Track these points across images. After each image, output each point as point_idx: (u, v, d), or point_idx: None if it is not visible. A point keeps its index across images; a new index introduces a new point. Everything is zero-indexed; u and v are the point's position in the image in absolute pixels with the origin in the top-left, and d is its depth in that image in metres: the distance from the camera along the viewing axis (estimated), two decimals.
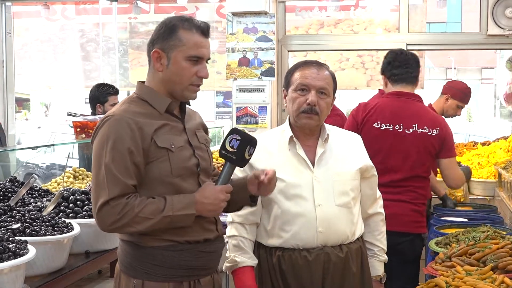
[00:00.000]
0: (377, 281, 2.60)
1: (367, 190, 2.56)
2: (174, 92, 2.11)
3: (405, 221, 3.35)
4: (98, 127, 2.06)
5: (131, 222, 1.97)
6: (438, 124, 3.47)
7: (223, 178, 2.10)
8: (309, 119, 2.42)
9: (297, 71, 2.47)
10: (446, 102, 4.80)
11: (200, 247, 2.11)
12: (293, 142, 2.46)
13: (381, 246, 2.61)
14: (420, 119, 3.43)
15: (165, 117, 2.10)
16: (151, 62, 2.11)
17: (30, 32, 9.06)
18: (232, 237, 2.47)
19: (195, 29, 2.09)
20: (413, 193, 3.41)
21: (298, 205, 2.39)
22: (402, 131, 3.41)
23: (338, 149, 2.49)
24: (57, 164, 6.15)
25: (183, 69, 2.07)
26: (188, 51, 2.07)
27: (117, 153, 1.98)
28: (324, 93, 2.42)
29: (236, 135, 2.09)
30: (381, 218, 2.63)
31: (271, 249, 2.45)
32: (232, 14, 5.85)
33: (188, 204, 2.02)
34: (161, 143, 2.04)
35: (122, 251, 2.13)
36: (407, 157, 3.40)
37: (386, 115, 3.44)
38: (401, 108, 3.47)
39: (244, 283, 2.42)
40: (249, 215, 2.46)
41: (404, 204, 3.37)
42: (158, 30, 2.10)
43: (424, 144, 3.41)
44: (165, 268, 2.05)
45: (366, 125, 3.46)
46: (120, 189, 1.97)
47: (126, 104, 2.09)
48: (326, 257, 2.40)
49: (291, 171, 2.42)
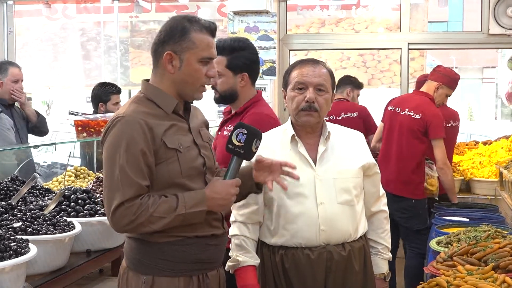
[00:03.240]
0: (381, 279, 2.59)
1: (370, 187, 2.56)
2: (184, 93, 2.12)
3: None
4: (108, 127, 2.04)
5: (146, 222, 1.97)
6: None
7: (231, 172, 2.11)
8: (308, 116, 2.42)
9: (294, 70, 2.48)
10: (437, 90, 4.56)
11: (207, 241, 2.13)
12: (295, 140, 2.47)
13: (385, 244, 2.61)
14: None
15: (172, 118, 2.10)
16: (160, 63, 2.10)
17: (31, 31, 9.06)
18: (235, 236, 2.48)
19: (205, 30, 2.09)
20: None
21: (300, 203, 2.39)
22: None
23: (340, 147, 2.49)
24: (58, 163, 6.15)
25: (196, 71, 2.08)
26: (201, 53, 2.07)
27: (131, 155, 1.98)
28: (322, 90, 2.43)
29: (243, 129, 2.11)
30: (384, 216, 2.62)
31: (274, 248, 2.45)
32: (234, 13, 5.85)
33: (200, 200, 2.03)
34: (170, 144, 2.04)
35: (131, 248, 2.12)
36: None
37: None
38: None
39: (246, 282, 2.42)
40: (251, 214, 2.46)
41: None
42: (168, 31, 2.08)
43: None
44: (175, 263, 2.07)
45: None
46: (135, 190, 1.97)
47: (134, 104, 2.08)
48: (328, 255, 2.40)
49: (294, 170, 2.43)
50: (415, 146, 4.42)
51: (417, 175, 4.44)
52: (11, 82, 4.74)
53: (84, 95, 8.49)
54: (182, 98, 2.14)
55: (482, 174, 5.19)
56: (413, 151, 4.42)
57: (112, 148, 2.00)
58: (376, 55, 8.54)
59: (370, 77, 8.76)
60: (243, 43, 2.99)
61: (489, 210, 4.27)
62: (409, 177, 4.44)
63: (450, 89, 4.61)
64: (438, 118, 4.41)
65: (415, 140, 4.42)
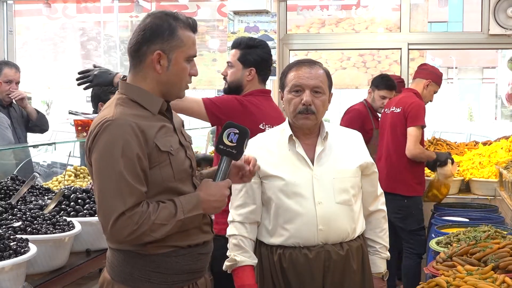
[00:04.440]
0: (379, 278, 2.59)
1: (368, 187, 2.56)
2: (170, 93, 2.04)
3: None
4: (96, 132, 1.90)
5: (148, 230, 1.87)
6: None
7: (222, 173, 2.07)
8: (306, 120, 2.42)
9: (291, 72, 2.47)
10: (427, 87, 4.65)
11: (199, 250, 2.08)
12: (293, 140, 2.47)
13: (383, 243, 2.61)
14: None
15: (159, 119, 2.00)
16: (144, 63, 1.98)
17: (31, 31, 9.05)
18: (232, 236, 2.48)
19: (189, 26, 2.03)
20: None
21: (298, 203, 2.40)
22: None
23: (338, 147, 2.50)
24: (58, 162, 6.15)
25: (183, 70, 2.01)
26: (188, 51, 2.01)
27: (128, 160, 1.85)
28: (318, 92, 2.42)
29: (234, 128, 2.07)
30: (382, 215, 2.62)
31: (272, 247, 2.45)
32: (234, 13, 5.85)
33: (196, 204, 1.97)
34: (163, 147, 1.94)
35: (118, 261, 2.01)
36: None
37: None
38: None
39: (243, 282, 2.42)
40: (249, 214, 2.47)
41: None
42: (154, 29, 1.97)
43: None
44: (168, 274, 2.00)
45: None
46: (136, 198, 1.86)
47: (120, 107, 1.95)
48: (326, 254, 2.40)
49: (291, 170, 2.43)
50: (401, 143, 4.48)
51: (411, 173, 4.48)
52: (4, 83, 4.74)
53: (85, 94, 8.48)
54: (166, 98, 2.04)
55: (482, 174, 5.19)
56: (401, 148, 4.47)
57: (106, 154, 1.87)
58: (376, 56, 8.53)
59: (370, 77, 8.74)
60: (258, 42, 3.24)
61: (488, 211, 4.28)
62: (400, 175, 4.48)
63: (437, 85, 4.73)
64: (416, 107, 4.46)
65: (401, 137, 4.51)
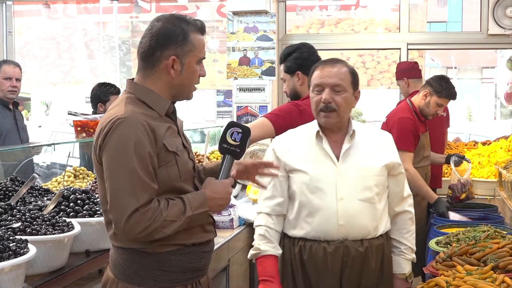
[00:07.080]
0: (403, 279, 2.61)
1: (394, 187, 2.59)
2: (179, 95, 2.07)
3: None
4: (108, 130, 1.92)
5: (160, 227, 1.90)
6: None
7: (225, 171, 2.09)
8: (327, 118, 2.50)
9: (315, 71, 2.57)
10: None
11: (203, 248, 2.10)
12: (320, 137, 2.54)
13: (408, 245, 2.62)
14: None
15: (166, 120, 2.03)
16: (158, 68, 2.00)
17: (32, 31, 9.06)
18: (259, 227, 2.57)
19: (199, 30, 2.05)
20: None
21: (320, 198, 2.47)
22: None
23: (365, 145, 2.55)
24: (57, 163, 6.15)
25: (194, 73, 2.05)
26: (199, 55, 2.04)
27: (141, 157, 1.88)
28: (338, 89, 2.49)
29: (237, 128, 2.10)
30: (409, 217, 2.64)
31: (295, 239, 2.54)
32: (233, 13, 5.85)
33: (203, 201, 2.00)
34: (170, 147, 1.97)
35: (123, 259, 2.03)
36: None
37: None
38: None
39: (265, 269, 2.50)
40: (276, 206, 2.56)
41: None
42: (167, 34, 1.98)
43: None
44: (173, 272, 2.02)
45: None
46: (149, 195, 1.90)
47: (130, 105, 1.98)
48: (345, 250, 2.45)
49: (316, 165, 2.50)
50: None
51: None
52: (3, 80, 4.74)
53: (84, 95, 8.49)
54: (175, 99, 2.08)
55: (481, 174, 5.20)
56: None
57: (119, 151, 1.89)
58: (376, 56, 8.54)
59: (370, 78, 8.76)
60: (292, 47, 3.39)
61: (488, 210, 4.27)
62: None
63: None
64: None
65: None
